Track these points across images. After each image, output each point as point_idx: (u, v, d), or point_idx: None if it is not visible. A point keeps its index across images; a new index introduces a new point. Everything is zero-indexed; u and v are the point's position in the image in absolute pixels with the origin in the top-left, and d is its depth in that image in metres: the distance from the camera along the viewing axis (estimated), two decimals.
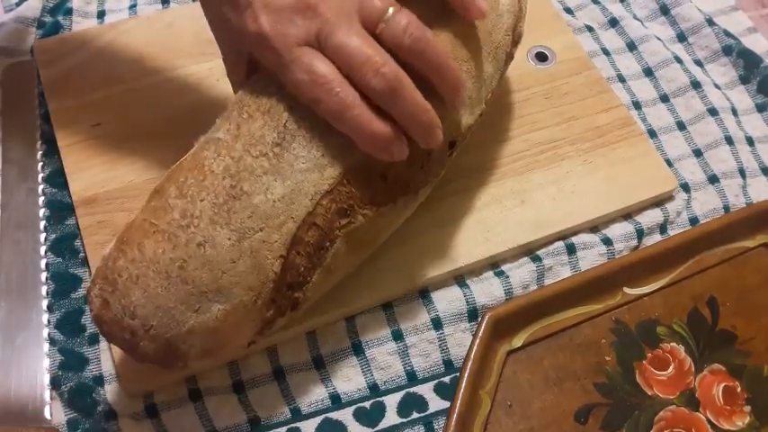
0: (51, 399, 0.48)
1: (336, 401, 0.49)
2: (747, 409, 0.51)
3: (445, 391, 0.50)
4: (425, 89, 0.44)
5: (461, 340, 0.52)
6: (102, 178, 0.55)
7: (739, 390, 0.52)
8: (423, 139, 0.45)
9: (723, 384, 0.52)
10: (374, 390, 0.50)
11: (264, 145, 0.43)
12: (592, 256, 0.55)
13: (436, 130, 0.45)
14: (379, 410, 0.49)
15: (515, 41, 0.54)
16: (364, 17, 0.43)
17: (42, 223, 0.54)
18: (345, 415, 0.49)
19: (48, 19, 0.63)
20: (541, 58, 0.64)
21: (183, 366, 0.44)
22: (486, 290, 0.53)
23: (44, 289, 0.52)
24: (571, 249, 0.55)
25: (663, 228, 0.58)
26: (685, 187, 0.60)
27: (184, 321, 0.42)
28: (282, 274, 0.43)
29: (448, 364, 0.51)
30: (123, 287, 0.41)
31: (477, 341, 0.49)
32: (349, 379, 0.50)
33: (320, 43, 0.43)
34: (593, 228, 0.57)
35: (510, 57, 0.54)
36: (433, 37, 0.44)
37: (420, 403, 0.50)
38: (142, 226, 0.43)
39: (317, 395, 0.49)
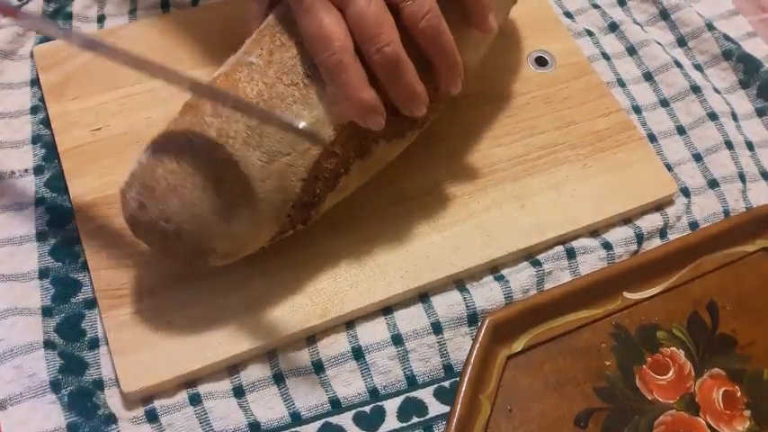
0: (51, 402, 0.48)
1: (336, 406, 0.49)
2: (747, 413, 0.51)
3: (445, 396, 0.50)
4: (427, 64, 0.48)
5: (461, 345, 0.52)
6: (102, 183, 0.55)
7: (739, 394, 0.52)
8: (407, 111, 0.49)
9: (723, 389, 0.52)
10: (374, 394, 0.50)
11: (296, 75, 0.47)
12: (592, 261, 0.55)
13: (421, 107, 0.48)
14: (379, 415, 0.49)
15: None
16: None
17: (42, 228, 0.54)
18: (345, 419, 0.49)
19: None
20: (541, 62, 0.64)
21: (204, 266, 0.48)
22: (486, 294, 0.53)
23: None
24: (571, 254, 0.55)
25: (663, 232, 0.58)
26: (685, 192, 0.60)
27: (215, 229, 0.45)
28: (301, 194, 0.47)
29: (448, 369, 0.51)
30: (162, 194, 0.45)
31: (477, 345, 0.49)
32: (349, 383, 0.50)
33: (342, 1, 0.46)
34: (593, 232, 0.57)
35: (513, 0, 0.58)
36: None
37: (420, 408, 0.50)
38: (179, 139, 0.46)
39: (316, 400, 0.49)
